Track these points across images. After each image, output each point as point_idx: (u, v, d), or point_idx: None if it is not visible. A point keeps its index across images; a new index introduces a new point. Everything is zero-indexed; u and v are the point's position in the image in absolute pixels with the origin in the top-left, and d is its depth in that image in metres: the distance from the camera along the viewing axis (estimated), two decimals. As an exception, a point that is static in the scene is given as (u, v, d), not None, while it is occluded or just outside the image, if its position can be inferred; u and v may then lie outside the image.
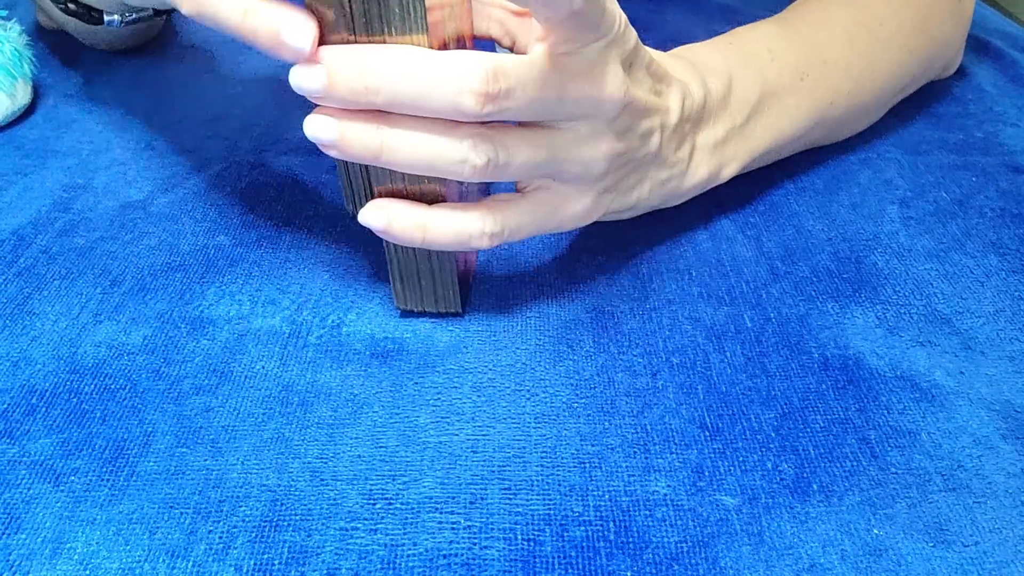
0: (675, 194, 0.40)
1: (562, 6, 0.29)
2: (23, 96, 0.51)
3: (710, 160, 0.40)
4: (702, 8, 0.67)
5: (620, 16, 0.32)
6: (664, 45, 0.42)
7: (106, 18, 0.52)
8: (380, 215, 0.33)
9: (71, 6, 0.50)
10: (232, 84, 0.56)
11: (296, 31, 0.29)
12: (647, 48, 0.37)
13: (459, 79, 0.29)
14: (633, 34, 0.34)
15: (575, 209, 0.36)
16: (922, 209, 0.45)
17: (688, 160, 0.39)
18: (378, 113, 0.31)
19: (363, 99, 0.30)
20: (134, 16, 0.53)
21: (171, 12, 0.58)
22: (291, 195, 0.46)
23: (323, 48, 0.30)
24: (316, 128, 0.31)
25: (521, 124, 0.33)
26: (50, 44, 0.60)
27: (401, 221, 0.33)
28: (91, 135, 0.51)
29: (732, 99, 0.41)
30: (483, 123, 0.32)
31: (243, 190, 0.46)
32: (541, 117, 0.32)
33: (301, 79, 0.30)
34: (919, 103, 0.54)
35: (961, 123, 0.53)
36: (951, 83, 0.57)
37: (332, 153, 0.31)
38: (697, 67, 0.40)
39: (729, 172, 0.42)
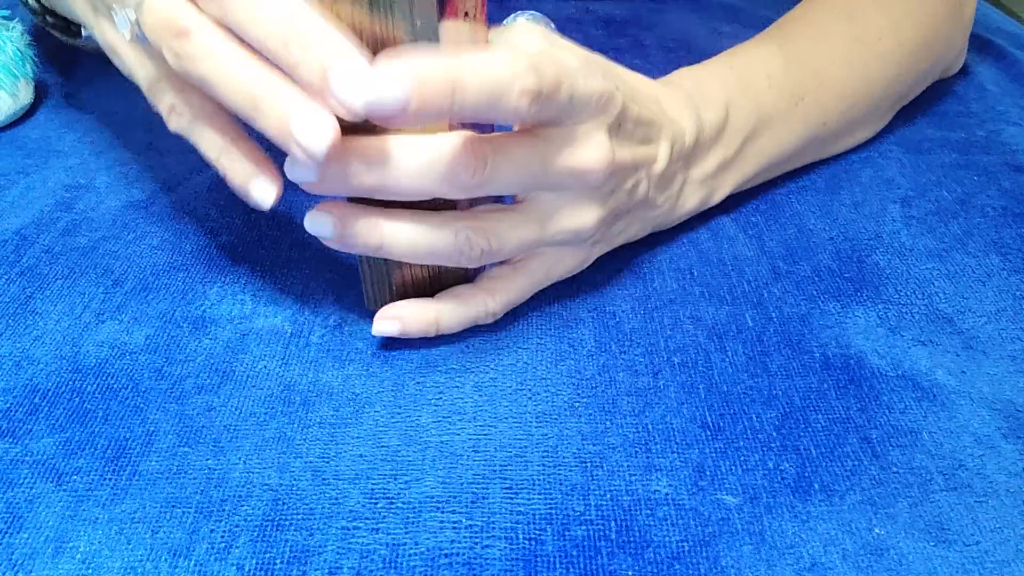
0: (664, 224, 0.41)
1: (506, 118, 0.30)
2: (25, 96, 0.51)
3: (699, 191, 0.41)
4: (704, 7, 0.67)
5: (599, 89, 0.32)
6: (665, 43, 0.42)
7: (84, 32, 0.52)
8: (393, 325, 0.35)
9: (49, 19, 0.50)
10: (234, 84, 0.56)
11: (260, 189, 0.33)
12: (638, 89, 0.37)
13: (447, 156, 0.30)
14: (618, 100, 0.33)
15: (567, 265, 0.38)
16: (924, 208, 0.45)
17: (677, 196, 0.40)
18: (377, 208, 0.32)
19: (354, 184, 0.31)
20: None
21: None
22: (292, 195, 0.46)
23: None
24: (317, 224, 0.33)
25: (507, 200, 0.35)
26: (52, 44, 0.61)
27: (414, 323, 0.35)
28: (93, 135, 0.51)
29: (727, 131, 0.41)
30: (474, 206, 0.34)
31: (245, 190, 0.46)
32: (526, 189, 0.33)
33: (292, 172, 0.31)
34: (921, 102, 0.54)
35: (963, 122, 0.53)
36: (953, 82, 0.57)
37: (333, 246, 0.33)
38: (693, 99, 0.40)
39: (719, 197, 0.42)
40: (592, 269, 0.41)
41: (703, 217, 0.44)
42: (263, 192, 0.33)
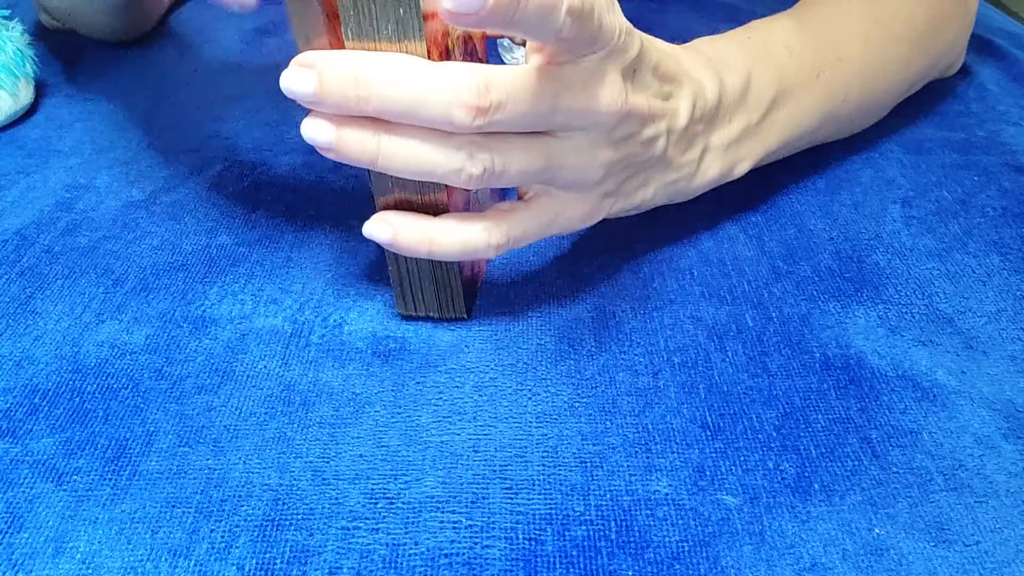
0: (682, 193, 0.40)
1: (547, 35, 0.29)
2: (25, 96, 0.51)
3: (722, 160, 0.40)
4: (704, 6, 0.67)
5: (620, 26, 0.31)
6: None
7: None
8: (385, 228, 0.33)
9: None
10: (234, 84, 0.56)
11: None
12: (659, 46, 0.36)
13: (450, 91, 0.29)
14: (636, 41, 0.33)
15: (576, 213, 0.36)
16: (924, 208, 0.45)
17: (699, 161, 0.39)
18: (376, 119, 0.31)
19: (354, 107, 0.30)
20: None
21: None
22: (293, 195, 0.46)
23: (315, 53, 0.30)
24: (313, 131, 0.31)
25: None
26: (52, 44, 0.61)
27: (407, 233, 0.33)
28: (93, 135, 0.51)
29: (750, 96, 0.40)
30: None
31: (245, 190, 0.46)
32: (534, 128, 0.32)
33: (291, 83, 0.30)
34: (921, 102, 0.54)
35: (963, 122, 0.53)
36: (954, 82, 0.57)
37: (330, 156, 0.31)
38: (714, 62, 0.39)
39: (741, 170, 0.41)
40: (593, 269, 0.41)
41: (704, 217, 0.44)
42: None
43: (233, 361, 0.36)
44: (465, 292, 0.37)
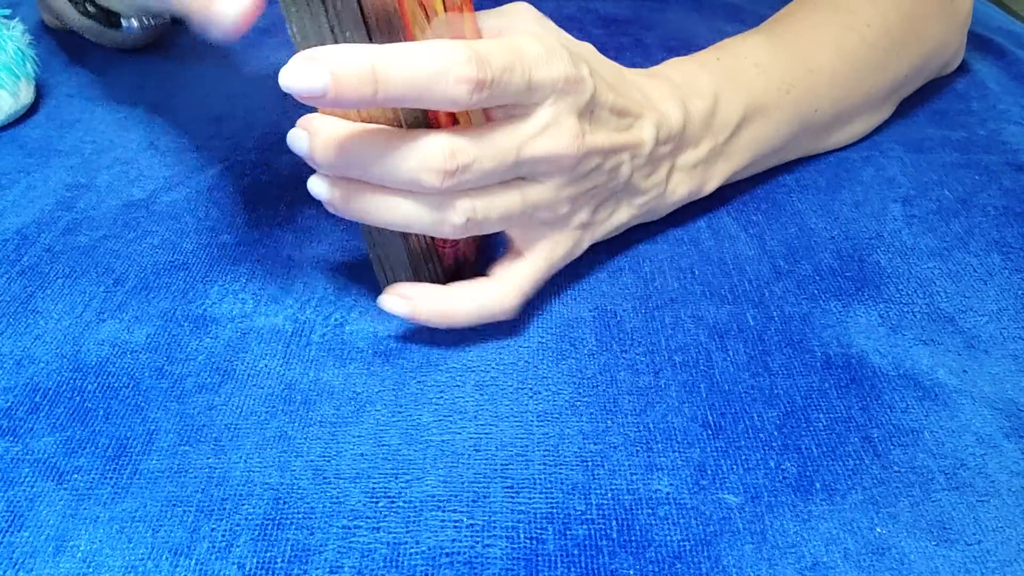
0: (655, 211, 0.41)
1: (449, 106, 0.30)
2: (26, 95, 0.51)
3: (690, 179, 0.41)
4: (705, 6, 0.67)
5: (565, 75, 0.33)
6: (667, 42, 0.42)
7: (124, 23, 0.52)
8: (402, 305, 0.35)
9: (90, 8, 0.51)
10: (235, 84, 0.56)
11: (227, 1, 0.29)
12: (622, 76, 0.37)
13: (419, 159, 0.31)
14: (590, 83, 0.34)
15: (562, 250, 0.37)
16: (925, 207, 0.45)
17: (665, 182, 0.40)
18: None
19: (342, 171, 0.32)
20: (153, 21, 0.53)
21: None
22: (294, 194, 0.46)
23: (310, 117, 0.32)
24: (314, 187, 0.34)
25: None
26: (53, 43, 0.61)
27: (426, 308, 0.35)
28: (94, 134, 0.51)
29: (716, 119, 0.41)
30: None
31: (246, 189, 0.46)
32: (501, 179, 0.33)
33: (292, 143, 0.33)
34: (922, 100, 0.54)
35: (964, 121, 0.53)
36: (954, 80, 0.57)
37: (331, 210, 0.34)
38: (680, 89, 0.40)
39: (711, 187, 0.42)
40: (594, 268, 0.41)
41: (705, 216, 0.44)
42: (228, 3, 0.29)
43: (234, 360, 0.36)
44: (449, 278, 0.37)
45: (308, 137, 0.32)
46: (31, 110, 0.53)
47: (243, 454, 0.32)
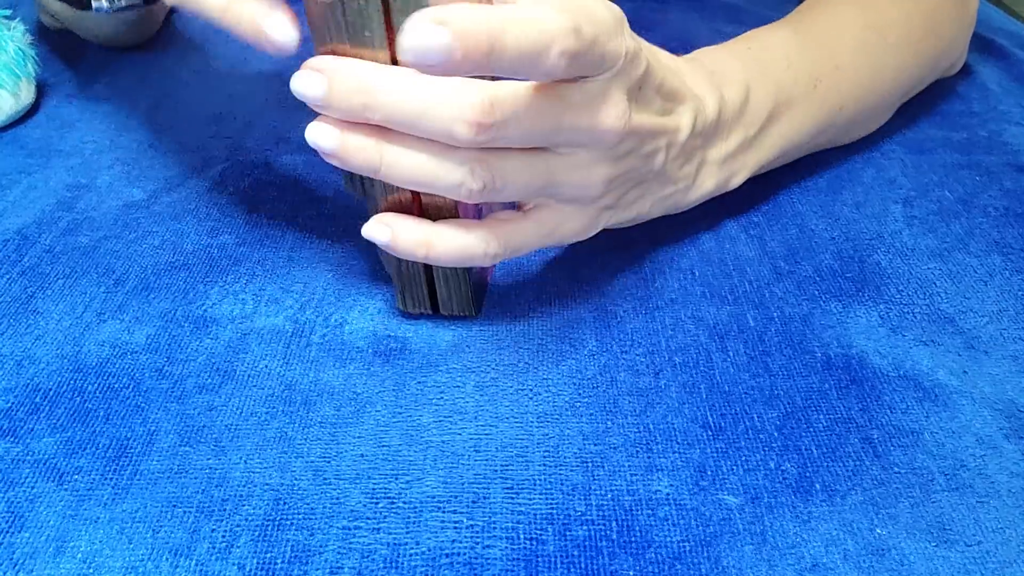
0: (678, 205, 0.40)
1: (538, 75, 0.29)
2: (27, 96, 0.51)
3: (719, 173, 0.40)
4: (705, 6, 0.67)
5: (628, 48, 0.31)
6: (667, 43, 0.42)
7: (94, 4, 0.51)
8: (384, 230, 0.33)
9: None
10: (235, 83, 0.56)
11: (277, 26, 0.30)
12: (663, 61, 0.36)
13: (455, 107, 0.29)
14: (642, 61, 0.32)
15: (575, 226, 0.36)
16: (926, 208, 0.45)
17: (695, 175, 0.39)
18: (381, 127, 0.31)
19: (360, 114, 0.30)
20: (123, 3, 0.52)
21: (159, 1, 0.57)
22: (294, 194, 0.46)
23: (326, 58, 0.30)
24: (318, 135, 0.31)
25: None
26: (53, 44, 0.61)
27: (406, 236, 0.33)
28: (94, 134, 0.51)
29: (748, 110, 0.40)
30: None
31: (246, 189, 0.46)
32: (537, 144, 0.32)
33: (302, 86, 0.30)
34: (923, 102, 0.54)
35: (965, 122, 0.53)
36: (955, 82, 0.57)
37: (333, 162, 0.32)
38: (715, 76, 0.39)
39: (737, 181, 0.41)
40: (594, 268, 0.41)
41: (705, 217, 0.44)
42: (280, 27, 0.30)
43: (234, 361, 0.36)
44: (475, 290, 0.37)
45: (325, 78, 0.30)
46: (32, 110, 0.53)
47: (243, 455, 0.32)
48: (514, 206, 0.35)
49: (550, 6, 0.28)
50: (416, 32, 0.26)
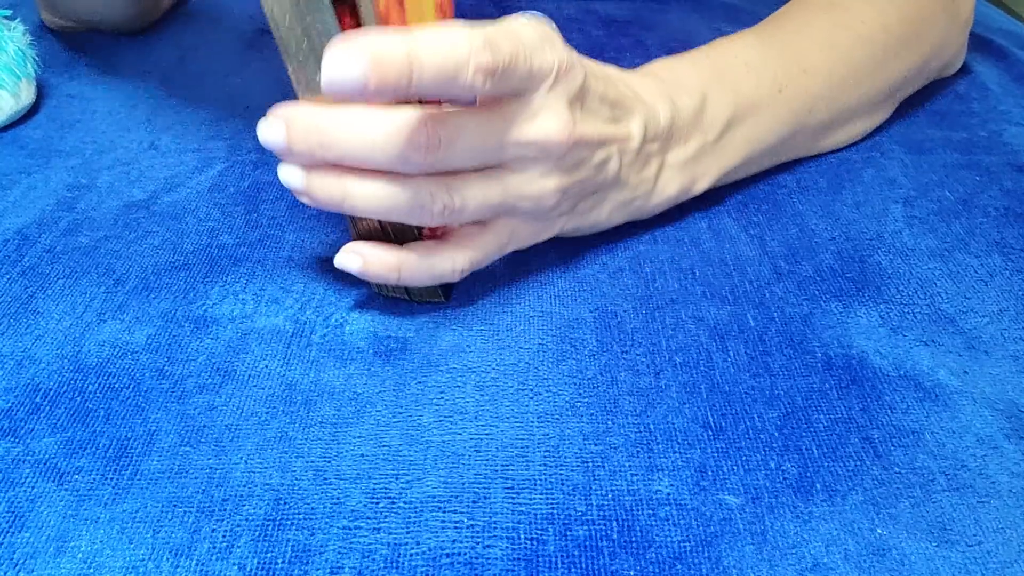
0: (641, 211, 0.41)
1: (460, 94, 0.30)
2: (27, 96, 0.51)
3: (680, 177, 0.41)
4: (705, 7, 0.67)
5: (559, 60, 0.32)
6: (667, 44, 0.42)
7: None
8: (355, 259, 0.35)
9: None
10: (235, 84, 0.56)
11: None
12: (609, 73, 0.37)
13: (400, 135, 0.30)
14: (581, 71, 0.34)
15: (530, 231, 0.37)
16: (926, 208, 0.45)
17: (655, 179, 0.40)
18: (342, 166, 0.32)
19: (319, 154, 0.32)
20: None
21: None
22: (294, 194, 0.46)
23: (284, 105, 0.32)
24: (287, 176, 0.33)
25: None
26: (54, 44, 0.61)
27: (376, 265, 0.35)
28: (94, 135, 0.51)
29: (705, 116, 0.40)
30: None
31: (246, 189, 0.46)
32: (486, 163, 0.33)
33: (264, 133, 0.32)
34: (923, 101, 0.54)
35: (965, 122, 0.53)
36: (955, 81, 0.57)
37: (303, 200, 0.34)
38: (667, 84, 0.40)
39: (702, 186, 0.42)
40: (594, 268, 0.41)
41: (705, 217, 0.44)
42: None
43: (234, 361, 0.36)
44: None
45: (284, 126, 0.32)
46: (32, 110, 0.53)
47: (244, 455, 0.32)
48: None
49: (460, 26, 0.29)
50: (333, 62, 0.28)
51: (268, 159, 0.49)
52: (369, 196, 0.32)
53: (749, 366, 0.36)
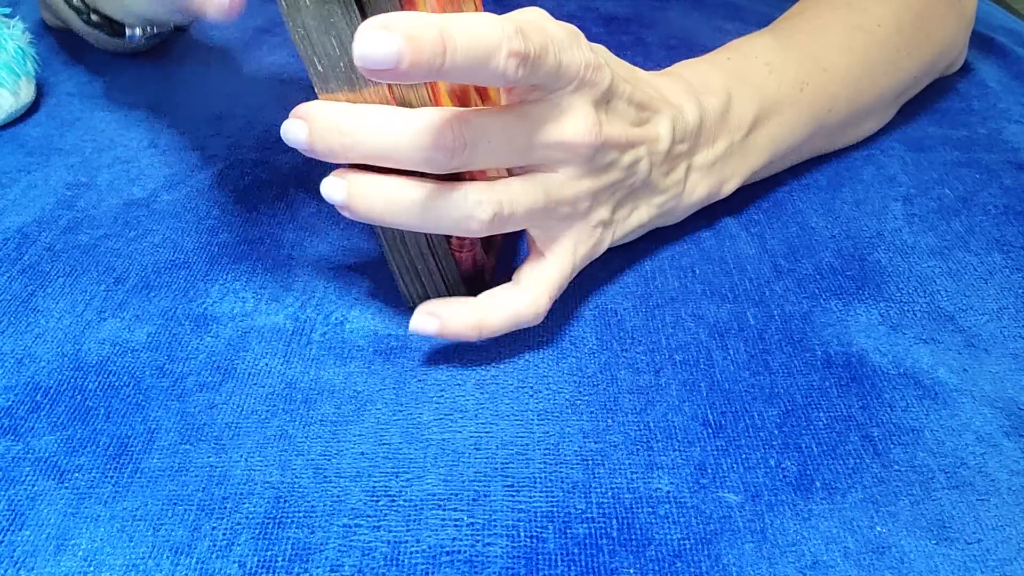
0: (674, 213, 0.41)
1: (492, 80, 0.29)
2: (27, 94, 0.51)
3: (708, 179, 0.41)
4: (705, 4, 0.67)
5: (586, 61, 0.32)
6: (667, 42, 0.42)
7: (128, 32, 0.52)
8: (431, 322, 0.34)
9: (94, 18, 0.50)
10: (235, 83, 0.56)
11: None
12: (639, 75, 0.37)
13: (424, 133, 0.30)
14: (607, 73, 0.33)
15: (585, 250, 0.36)
16: (926, 206, 0.45)
17: (684, 181, 0.40)
18: (385, 173, 0.32)
19: (341, 154, 0.31)
20: (156, 31, 0.54)
21: (190, 25, 0.58)
22: (294, 193, 0.46)
23: (305, 104, 0.32)
24: (328, 189, 0.33)
25: (512, 172, 0.34)
26: (54, 42, 0.61)
27: (456, 323, 0.34)
28: (94, 133, 0.51)
29: (731, 117, 0.40)
30: (481, 177, 0.33)
31: (246, 188, 0.46)
32: (511, 164, 0.33)
33: (288, 132, 0.32)
34: (923, 100, 0.54)
35: (965, 120, 0.53)
36: (955, 80, 0.57)
37: (346, 214, 0.33)
38: (694, 86, 0.40)
39: (730, 188, 0.42)
40: (595, 266, 0.41)
41: (705, 215, 0.44)
42: None
43: (235, 359, 0.36)
44: (469, 284, 0.37)
45: (305, 124, 0.31)
46: (32, 109, 0.53)
47: (244, 453, 0.32)
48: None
49: (492, 16, 0.29)
50: (367, 39, 0.27)
51: (268, 158, 0.49)
52: (412, 206, 0.31)
53: (749, 364, 0.36)
